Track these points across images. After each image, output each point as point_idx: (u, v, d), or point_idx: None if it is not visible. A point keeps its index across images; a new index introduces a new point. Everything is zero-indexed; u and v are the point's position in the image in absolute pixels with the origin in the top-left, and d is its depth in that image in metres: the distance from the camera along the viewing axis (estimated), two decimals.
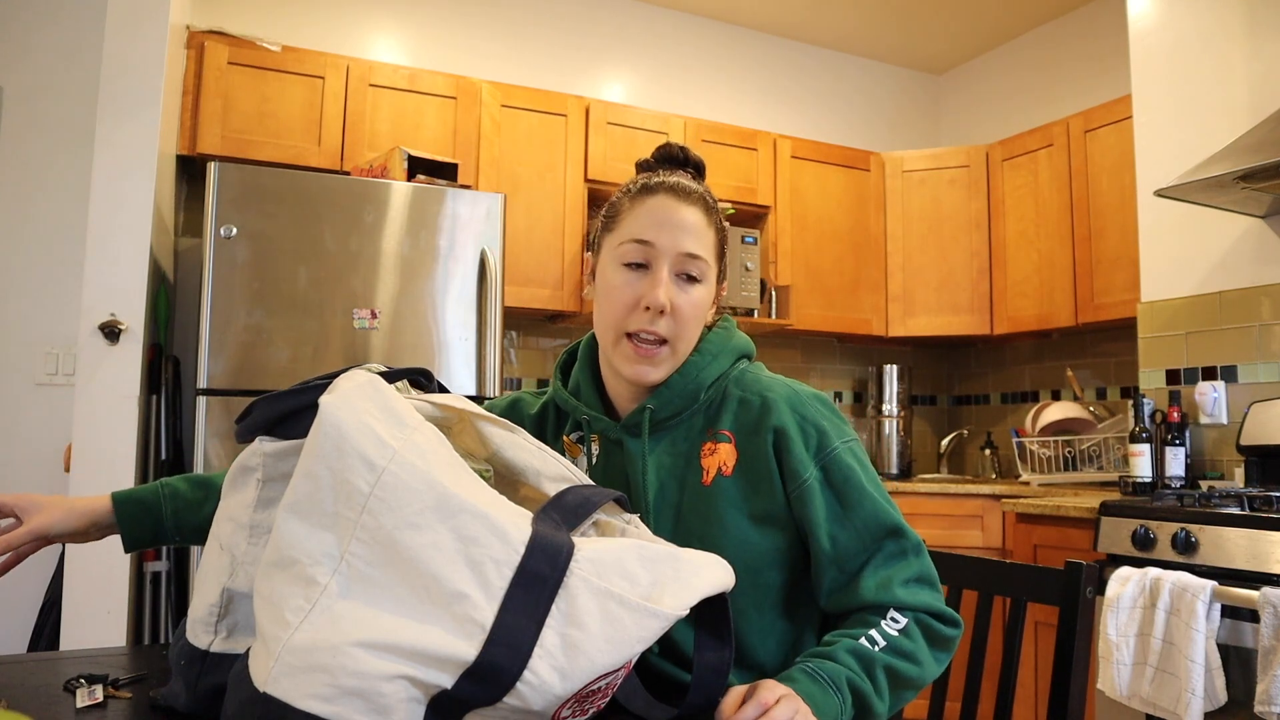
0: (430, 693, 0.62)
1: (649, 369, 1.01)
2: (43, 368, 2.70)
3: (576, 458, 1.09)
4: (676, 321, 1.00)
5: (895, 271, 3.65)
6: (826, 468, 0.98)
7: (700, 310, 1.03)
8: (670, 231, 1.01)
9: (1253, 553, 1.94)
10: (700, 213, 1.03)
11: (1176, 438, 2.60)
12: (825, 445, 0.99)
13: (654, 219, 1.01)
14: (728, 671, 0.79)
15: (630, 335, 1.01)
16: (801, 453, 0.98)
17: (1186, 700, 1.85)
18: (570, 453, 1.10)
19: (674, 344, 1.01)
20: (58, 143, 2.74)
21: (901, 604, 0.94)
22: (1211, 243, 2.66)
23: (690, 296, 1.01)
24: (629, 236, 1.02)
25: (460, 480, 0.67)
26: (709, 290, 1.04)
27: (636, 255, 1.01)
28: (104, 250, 2.23)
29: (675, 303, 1.00)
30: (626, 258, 1.02)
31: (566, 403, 1.09)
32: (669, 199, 1.02)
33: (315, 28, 3.16)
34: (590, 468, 1.08)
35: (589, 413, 1.06)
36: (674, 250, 1.01)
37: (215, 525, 0.82)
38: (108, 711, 0.81)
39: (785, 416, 1.00)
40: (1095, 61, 3.57)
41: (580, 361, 1.12)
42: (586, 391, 1.09)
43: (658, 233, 1.01)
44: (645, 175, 1.08)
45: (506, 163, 3.05)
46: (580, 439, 1.10)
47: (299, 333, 2.31)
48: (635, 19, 3.72)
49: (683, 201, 1.03)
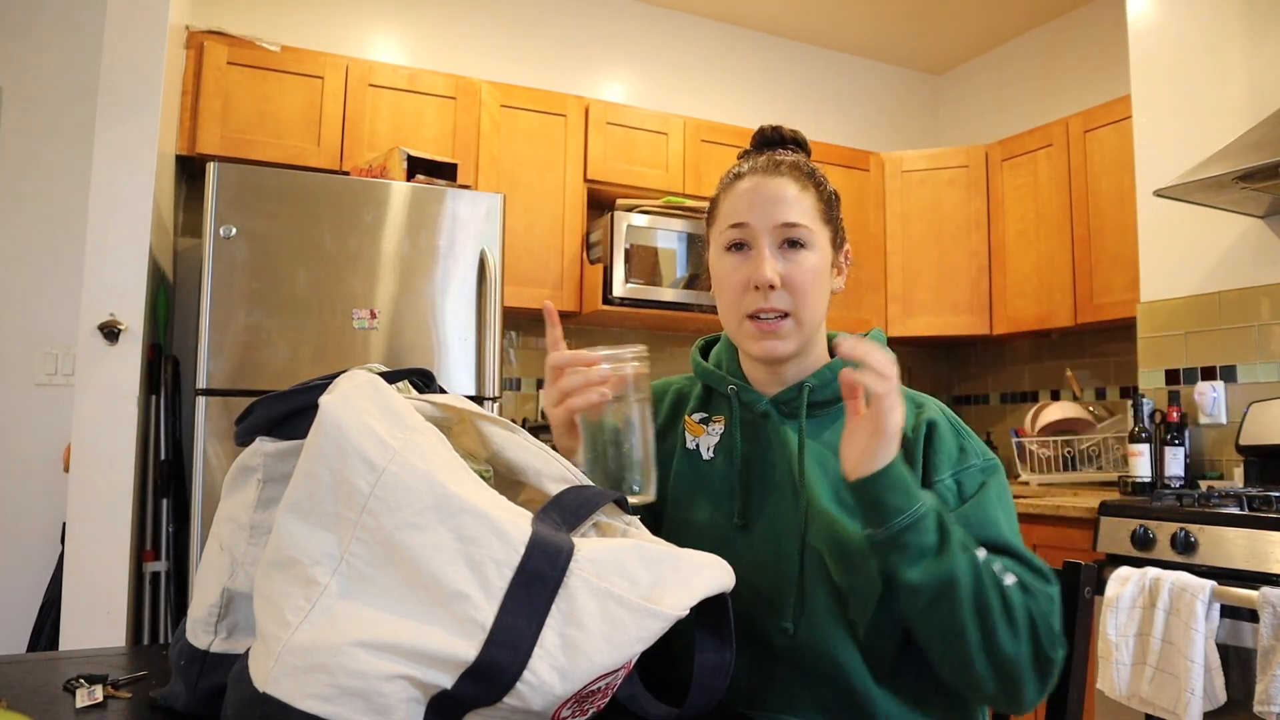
0: (430, 693, 0.62)
1: (776, 343, 1.00)
2: (42, 368, 2.70)
3: (700, 437, 1.08)
4: (792, 292, 0.99)
5: (895, 271, 3.65)
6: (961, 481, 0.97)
7: (815, 275, 1.01)
8: (763, 207, 1.01)
9: (1252, 552, 1.94)
10: (791, 181, 1.02)
11: (1176, 438, 2.60)
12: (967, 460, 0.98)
13: (746, 200, 1.02)
14: (728, 671, 0.79)
15: (751, 317, 1.01)
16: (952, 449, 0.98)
17: (1186, 700, 1.86)
18: (692, 432, 1.09)
19: (796, 314, 1.00)
20: (57, 143, 2.74)
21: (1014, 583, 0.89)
22: (1211, 243, 2.67)
23: (800, 264, 1.00)
24: (726, 223, 1.03)
25: (460, 480, 0.67)
26: (820, 255, 1.02)
27: (735, 237, 1.02)
28: (103, 250, 2.23)
29: (785, 273, 0.99)
30: (727, 243, 1.03)
31: (710, 375, 1.09)
32: (756, 177, 1.03)
33: (315, 28, 3.16)
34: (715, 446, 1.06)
35: (736, 382, 1.06)
36: (769, 224, 1.00)
37: (215, 525, 0.82)
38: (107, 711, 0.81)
39: (938, 415, 1.00)
40: (1095, 61, 3.57)
41: (723, 342, 1.13)
42: (730, 368, 1.09)
43: (750, 212, 1.01)
44: (737, 163, 1.08)
45: (506, 163, 3.05)
46: (704, 420, 1.09)
47: (298, 333, 2.31)
48: (635, 19, 3.72)
49: (771, 175, 1.02)
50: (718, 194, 1.07)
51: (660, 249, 3.12)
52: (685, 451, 1.09)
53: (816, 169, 1.07)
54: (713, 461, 1.06)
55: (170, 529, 2.47)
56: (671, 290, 3.13)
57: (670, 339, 3.63)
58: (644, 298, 3.07)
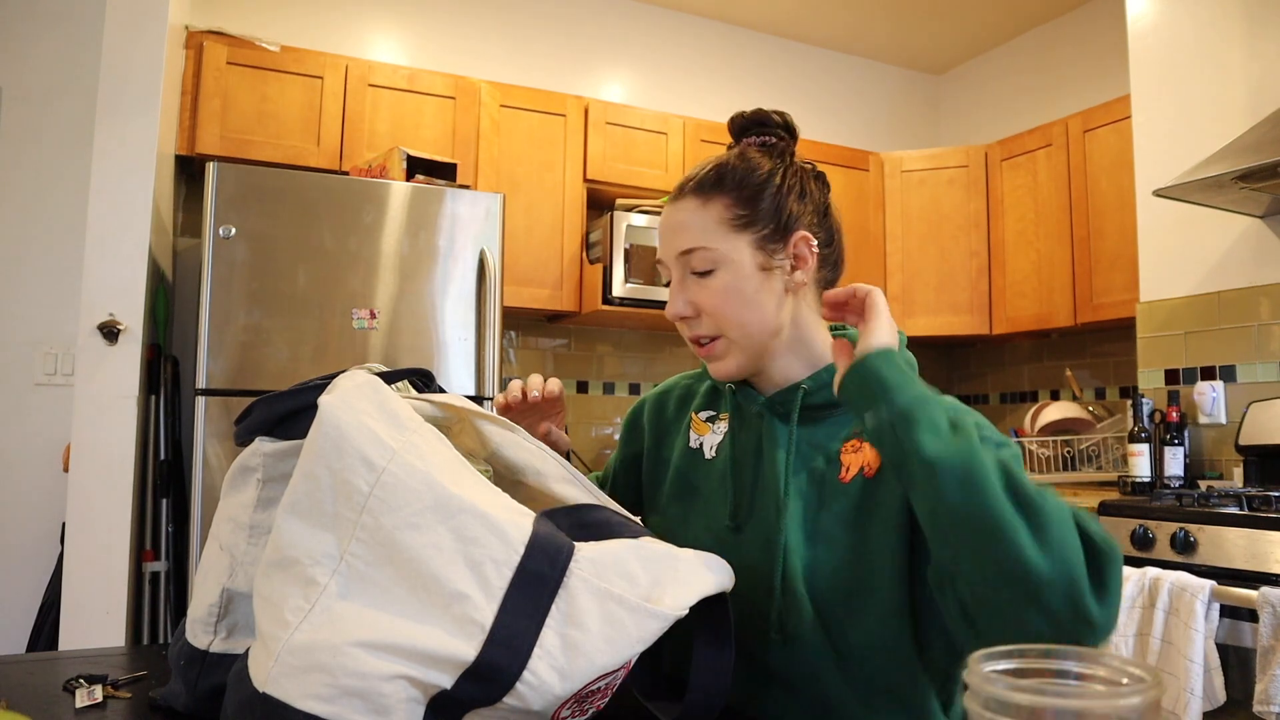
0: (430, 693, 0.62)
1: (718, 364, 1.01)
2: (42, 368, 2.70)
3: (705, 435, 1.08)
4: (711, 316, 0.98)
5: (894, 271, 3.65)
6: None
7: (727, 294, 0.96)
8: (666, 239, 1.01)
9: (1251, 552, 1.94)
10: (690, 200, 0.99)
11: (1175, 437, 2.60)
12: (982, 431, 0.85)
13: (659, 234, 1.03)
14: (728, 671, 0.79)
15: (694, 341, 1.02)
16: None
17: (1185, 700, 1.86)
18: (698, 430, 1.09)
19: (725, 335, 0.99)
20: (57, 143, 2.74)
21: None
22: (1210, 243, 2.67)
23: (707, 287, 0.98)
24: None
25: (461, 480, 0.67)
26: (732, 269, 0.96)
27: (663, 275, 1.04)
28: (103, 250, 2.23)
29: (695, 301, 0.99)
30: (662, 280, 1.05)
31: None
32: (667, 207, 1.03)
33: (314, 28, 3.16)
34: (719, 445, 1.06)
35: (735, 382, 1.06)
36: (672, 255, 1.00)
37: (215, 525, 0.82)
38: (107, 711, 0.81)
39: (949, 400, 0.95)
40: (1094, 61, 3.57)
41: None
42: None
43: (661, 247, 1.03)
44: None
45: (505, 163, 3.05)
46: (710, 418, 1.09)
47: (298, 333, 2.31)
48: (635, 19, 3.72)
49: (674, 202, 1.02)
50: None
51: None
52: (689, 450, 1.08)
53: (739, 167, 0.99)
54: (713, 461, 1.05)
55: (170, 529, 2.47)
56: None
57: (670, 339, 3.63)
58: (644, 298, 3.07)
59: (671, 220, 1.01)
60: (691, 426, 1.09)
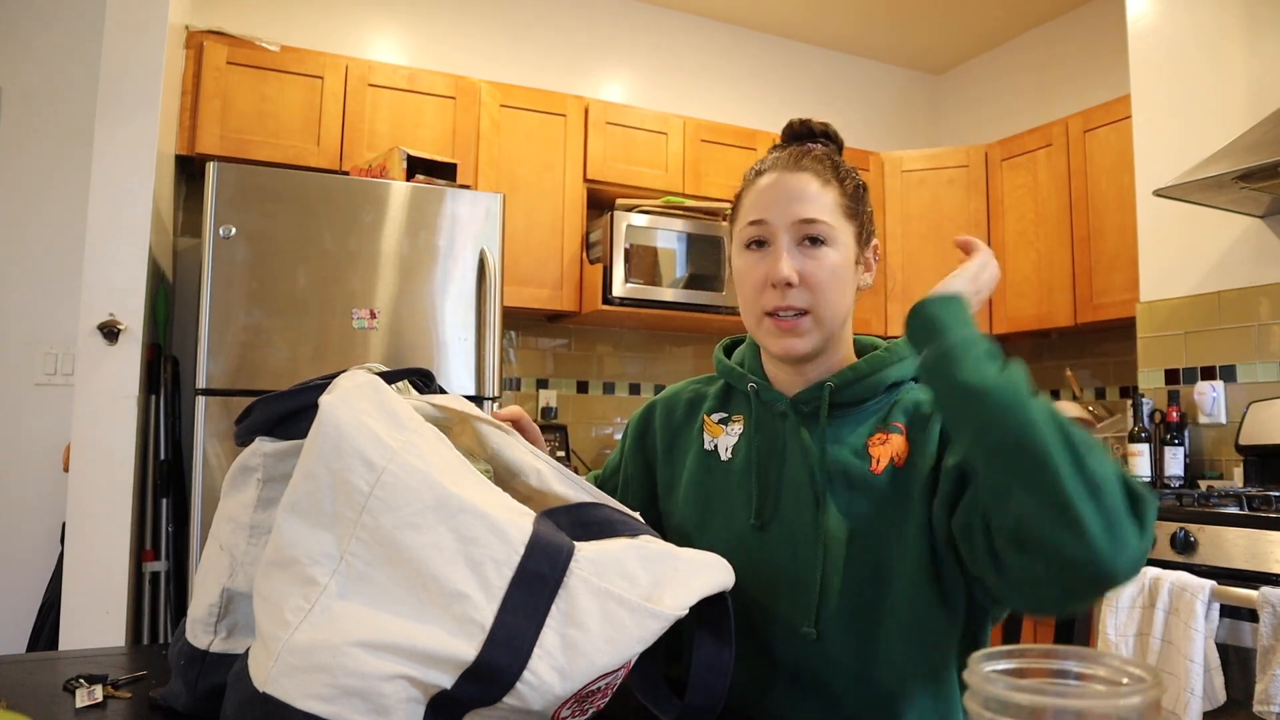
0: (430, 693, 0.62)
1: (794, 341, 0.98)
2: (42, 367, 2.70)
3: (719, 437, 1.07)
4: (810, 289, 0.98)
5: (894, 271, 3.65)
6: None
7: (834, 273, 0.98)
8: (782, 203, 0.99)
9: (1251, 552, 1.94)
10: (812, 177, 1.00)
11: (1175, 437, 2.60)
12: None
13: (766, 197, 1.01)
14: (728, 671, 0.79)
15: (770, 314, 0.99)
16: None
17: (1185, 700, 1.86)
18: (711, 433, 1.08)
19: (815, 312, 0.98)
20: (57, 143, 2.74)
21: None
22: (1210, 242, 2.67)
23: (819, 261, 0.98)
24: (746, 219, 1.02)
25: (461, 480, 0.67)
26: (842, 251, 0.99)
27: (754, 235, 1.01)
28: (103, 250, 2.23)
29: (803, 270, 0.97)
30: (746, 240, 1.01)
31: (732, 373, 1.09)
32: (777, 173, 1.01)
33: (314, 28, 3.16)
34: (734, 446, 1.06)
35: (756, 380, 1.05)
36: (787, 220, 0.98)
37: (215, 525, 0.82)
38: (107, 711, 0.81)
39: None
40: (1094, 61, 3.57)
41: (747, 342, 1.12)
42: (752, 367, 1.08)
43: (769, 209, 1.00)
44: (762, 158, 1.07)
45: (506, 163, 3.05)
46: (722, 420, 1.08)
47: (298, 333, 2.31)
48: (635, 19, 3.72)
49: (791, 171, 1.01)
50: (741, 190, 1.06)
51: (660, 249, 3.12)
52: (703, 453, 1.08)
53: (843, 163, 1.04)
54: (731, 462, 1.05)
55: (170, 529, 2.47)
56: (671, 290, 3.13)
57: (670, 339, 3.63)
58: (644, 298, 3.07)
59: (792, 187, 1.00)
60: (704, 429, 1.09)
